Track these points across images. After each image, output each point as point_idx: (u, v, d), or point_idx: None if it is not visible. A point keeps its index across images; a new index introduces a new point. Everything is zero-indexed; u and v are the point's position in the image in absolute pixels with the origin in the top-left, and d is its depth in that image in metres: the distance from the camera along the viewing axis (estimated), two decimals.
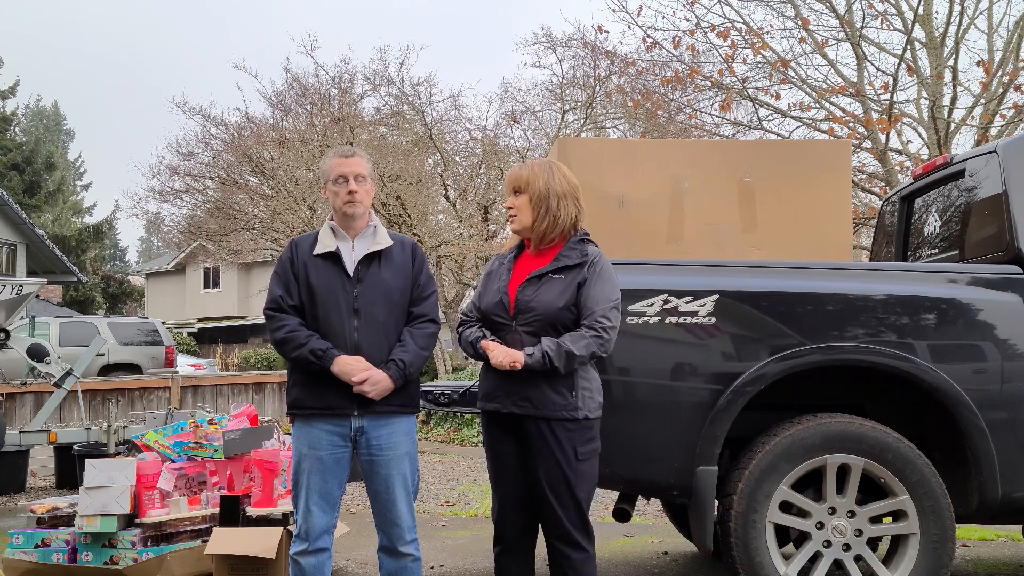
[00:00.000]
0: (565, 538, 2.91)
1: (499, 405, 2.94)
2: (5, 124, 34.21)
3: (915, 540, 3.32)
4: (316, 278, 3.04)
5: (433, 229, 19.03)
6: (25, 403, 10.92)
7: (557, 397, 2.88)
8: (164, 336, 18.30)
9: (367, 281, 3.05)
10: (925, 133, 10.52)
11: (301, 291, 3.06)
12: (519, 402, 2.90)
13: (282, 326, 3.02)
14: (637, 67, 12.57)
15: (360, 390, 2.95)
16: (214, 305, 34.21)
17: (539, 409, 2.88)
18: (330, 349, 2.96)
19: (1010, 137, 4.07)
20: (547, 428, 2.88)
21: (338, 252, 3.07)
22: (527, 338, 2.90)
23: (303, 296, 3.05)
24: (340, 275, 3.05)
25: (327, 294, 3.03)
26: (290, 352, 3.00)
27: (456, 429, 11.80)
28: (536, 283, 2.95)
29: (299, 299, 3.06)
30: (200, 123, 19.53)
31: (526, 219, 3.01)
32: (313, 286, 3.03)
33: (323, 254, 3.07)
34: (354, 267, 3.06)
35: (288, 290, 3.06)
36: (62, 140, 48.89)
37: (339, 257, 3.06)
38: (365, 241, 3.11)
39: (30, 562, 4.28)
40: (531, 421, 2.90)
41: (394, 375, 3.00)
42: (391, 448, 3.05)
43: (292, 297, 3.05)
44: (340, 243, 3.09)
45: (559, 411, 2.88)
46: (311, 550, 3.02)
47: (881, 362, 3.37)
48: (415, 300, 3.14)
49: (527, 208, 3.00)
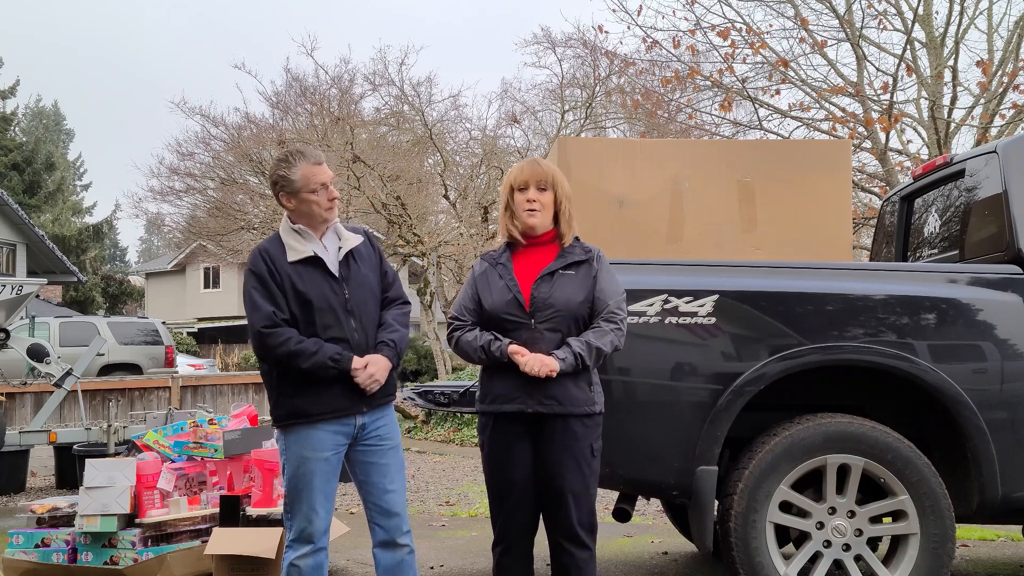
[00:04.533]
0: (572, 537, 2.91)
1: (522, 406, 2.90)
2: (5, 124, 34.20)
3: (915, 540, 3.32)
4: (304, 286, 2.95)
5: (433, 229, 19.06)
6: (25, 403, 10.91)
7: (579, 393, 2.89)
8: (164, 336, 18.31)
9: (353, 280, 3.03)
10: (925, 133, 10.53)
11: (290, 302, 2.95)
12: (544, 400, 2.87)
13: (286, 340, 2.90)
14: (637, 67, 12.59)
15: (367, 376, 2.93)
16: (214, 305, 34.18)
17: (564, 406, 2.88)
18: (343, 351, 2.94)
19: (1010, 137, 4.07)
20: (569, 425, 2.88)
21: (317, 256, 3.01)
22: (548, 335, 2.89)
23: (293, 307, 2.95)
24: (326, 278, 2.99)
25: (321, 300, 2.96)
26: (302, 364, 2.89)
27: (456, 429, 11.80)
28: (549, 280, 2.94)
29: (289, 311, 2.95)
30: (200, 123, 19.59)
31: (547, 216, 3.01)
32: (302, 293, 2.95)
33: (303, 260, 2.99)
34: (337, 268, 3.02)
35: (277, 304, 2.94)
36: (62, 140, 48.88)
37: (320, 261, 3.00)
38: (331, 239, 3.06)
39: (30, 562, 4.28)
40: (554, 419, 2.89)
41: (389, 355, 3.02)
42: (389, 437, 3.07)
43: (283, 311, 2.94)
44: (312, 245, 3.02)
45: (582, 407, 2.89)
46: (313, 551, 3.00)
47: (881, 362, 3.37)
48: (386, 286, 3.15)
49: (551, 205, 3.01)
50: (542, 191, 3.00)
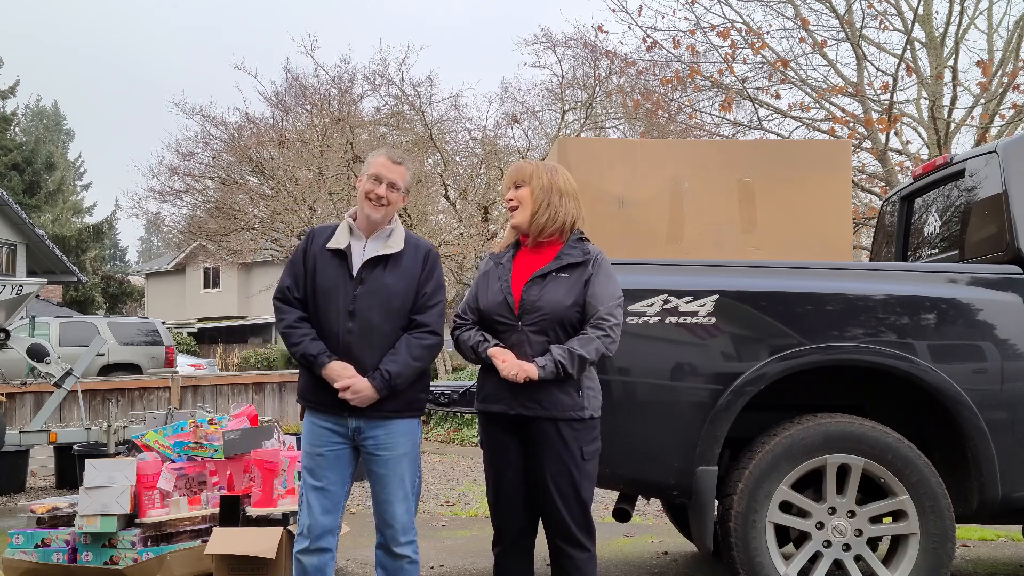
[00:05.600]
0: (569, 538, 2.90)
1: (505, 407, 2.92)
2: (5, 124, 34.20)
3: (915, 540, 3.32)
4: (321, 275, 3.05)
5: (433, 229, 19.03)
6: (25, 403, 10.91)
7: (565, 397, 2.88)
8: (164, 336, 18.30)
9: (368, 284, 3.03)
10: (925, 133, 10.52)
11: (307, 284, 3.08)
12: (527, 403, 2.88)
13: (283, 318, 3.07)
14: (637, 67, 12.57)
15: (343, 397, 2.96)
16: (214, 305, 34.19)
17: (548, 410, 2.88)
18: (321, 354, 2.97)
19: (1010, 137, 4.07)
20: (554, 428, 2.88)
21: (347, 250, 3.06)
22: (534, 338, 2.89)
23: (308, 290, 3.08)
24: (344, 275, 3.04)
25: (327, 293, 3.03)
26: (288, 347, 3.07)
27: (456, 429, 11.80)
28: (540, 282, 2.93)
29: (304, 292, 3.09)
30: (200, 123, 19.60)
31: (527, 212, 3.00)
32: (317, 283, 3.05)
33: (333, 250, 3.07)
34: (358, 269, 3.04)
35: (296, 282, 3.10)
36: (62, 140, 48.88)
37: (346, 256, 3.05)
38: (378, 242, 3.08)
39: (30, 562, 4.28)
40: (538, 422, 2.89)
41: (378, 385, 2.95)
42: (388, 449, 3.04)
43: (298, 289, 3.09)
44: (353, 240, 3.08)
45: (567, 411, 2.88)
46: (312, 548, 3.02)
47: (881, 362, 3.37)
48: (419, 308, 3.06)
49: (528, 200, 3.00)
50: (518, 188, 3.03)
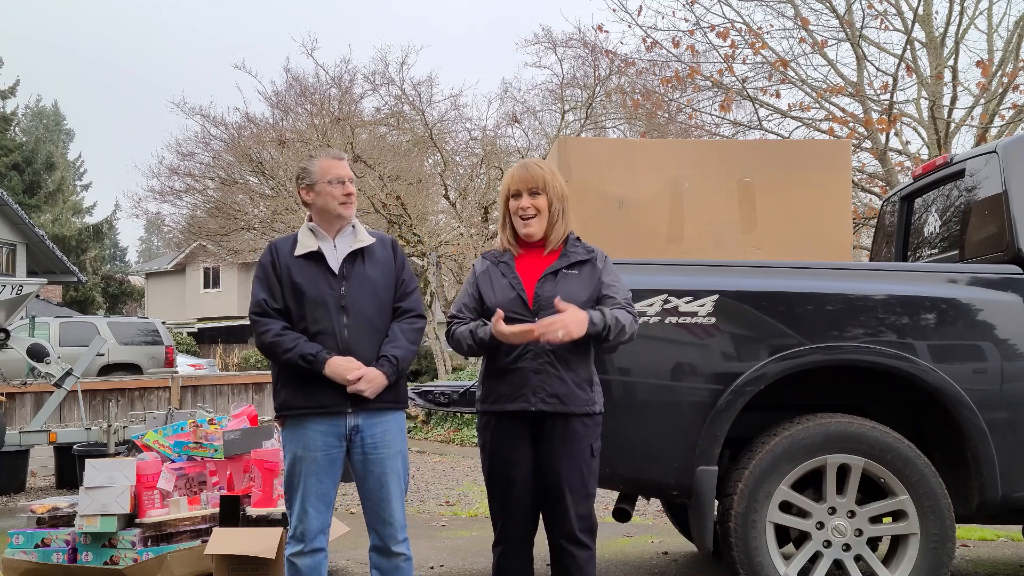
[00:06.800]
0: (572, 537, 2.90)
1: (525, 404, 2.87)
2: (5, 124, 34.20)
3: (915, 540, 3.32)
4: (300, 278, 3.02)
5: (433, 229, 19.05)
6: (25, 403, 10.92)
7: (581, 393, 2.89)
8: (164, 336, 18.31)
9: (353, 278, 3.05)
10: (925, 133, 10.53)
11: (285, 293, 3.03)
12: (547, 399, 2.86)
13: (267, 331, 2.99)
14: (637, 67, 12.59)
15: (355, 389, 2.94)
16: (214, 305, 34.19)
17: (567, 405, 2.87)
18: (320, 352, 2.95)
19: (1010, 137, 4.07)
20: (570, 425, 2.87)
21: (320, 251, 3.06)
22: None
23: (287, 298, 3.03)
24: (325, 273, 3.04)
25: (314, 292, 3.01)
26: (279, 356, 2.98)
27: (456, 429, 11.80)
28: (553, 279, 2.92)
29: (283, 302, 3.03)
30: (200, 123, 19.58)
31: (544, 221, 2.96)
32: (298, 285, 3.01)
33: (305, 255, 3.05)
34: (339, 265, 3.05)
35: (272, 293, 3.04)
36: (62, 140, 48.86)
37: (322, 256, 3.05)
38: (346, 240, 3.11)
39: (30, 562, 4.28)
40: (556, 418, 2.88)
41: (388, 371, 2.99)
42: (386, 446, 3.04)
43: (276, 300, 3.03)
44: (321, 243, 3.08)
45: (583, 407, 2.88)
46: (307, 551, 3.02)
47: (881, 362, 3.37)
48: (400, 296, 3.14)
49: (546, 209, 2.96)
50: (535, 195, 2.96)
